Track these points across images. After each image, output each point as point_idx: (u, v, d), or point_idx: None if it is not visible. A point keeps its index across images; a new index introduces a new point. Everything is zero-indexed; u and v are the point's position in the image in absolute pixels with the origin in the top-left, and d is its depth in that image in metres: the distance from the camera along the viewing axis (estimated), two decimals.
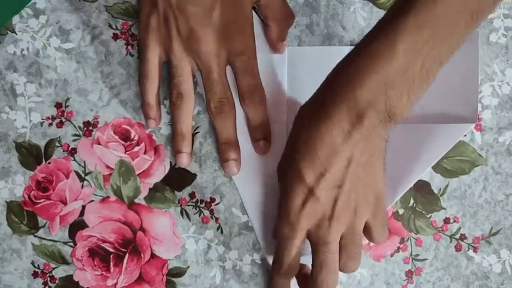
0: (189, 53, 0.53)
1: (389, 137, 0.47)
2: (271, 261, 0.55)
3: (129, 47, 0.57)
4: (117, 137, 0.57)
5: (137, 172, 0.57)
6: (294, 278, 0.52)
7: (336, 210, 0.47)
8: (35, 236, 0.57)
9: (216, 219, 0.57)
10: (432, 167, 0.56)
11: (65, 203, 0.57)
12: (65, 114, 0.57)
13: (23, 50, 0.57)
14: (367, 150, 0.46)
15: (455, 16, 0.43)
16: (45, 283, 0.57)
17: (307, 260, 0.51)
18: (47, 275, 0.57)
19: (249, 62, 0.54)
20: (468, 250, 0.56)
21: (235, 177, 0.56)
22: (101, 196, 0.57)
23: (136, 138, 0.57)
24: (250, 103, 0.54)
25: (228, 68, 0.54)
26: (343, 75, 0.45)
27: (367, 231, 0.49)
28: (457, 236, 0.56)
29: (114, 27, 0.57)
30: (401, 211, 0.56)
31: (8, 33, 0.57)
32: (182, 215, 0.57)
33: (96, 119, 0.57)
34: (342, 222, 0.47)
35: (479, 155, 0.56)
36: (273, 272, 0.51)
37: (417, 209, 0.56)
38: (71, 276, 0.57)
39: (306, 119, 0.47)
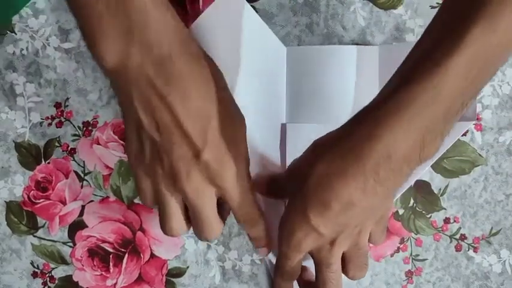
0: (176, 191, 0.46)
1: None
2: (269, 262, 0.55)
3: None
4: (116, 137, 0.57)
5: None
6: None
7: (339, 238, 0.46)
8: (35, 236, 0.57)
9: None
10: (432, 167, 0.56)
11: (64, 203, 0.57)
12: (65, 114, 0.57)
13: (23, 49, 0.57)
14: (380, 193, 0.42)
15: (505, 47, 0.37)
16: (44, 283, 0.57)
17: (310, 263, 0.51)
18: (47, 275, 0.57)
19: (241, 194, 0.47)
20: (468, 250, 0.56)
21: None
22: (100, 196, 0.57)
23: None
24: (247, 226, 0.50)
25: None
26: (375, 122, 0.40)
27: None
28: (457, 236, 0.56)
29: None
30: (401, 211, 0.56)
31: (7, 33, 0.57)
32: None
33: (96, 119, 0.57)
34: (345, 244, 0.47)
35: (480, 155, 0.56)
36: (275, 276, 0.51)
37: (417, 209, 0.56)
38: (70, 276, 0.57)
39: (323, 164, 0.43)
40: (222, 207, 0.47)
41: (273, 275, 0.54)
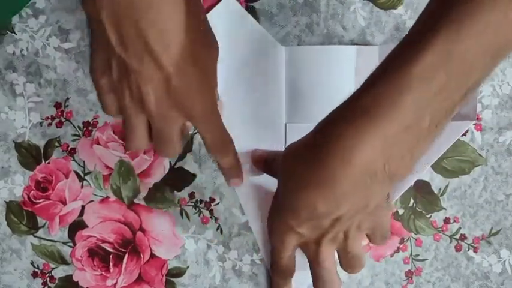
0: (142, 112, 0.46)
1: None
2: (268, 263, 0.56)
3: None
4: (116, 137, 0.57)
5: (137, 172, 0.56)
6: (295, 279, 0.52)
7: (322, 240, 0.46)
8: (35, 236, 0.57)
9: (216, 219, 0.57)
10: (432, 167, 0.56)
11: (64, 203, 0.57)
12: (65, 114, 0.57)
13: (23, 49, 0.57)
14: (362, 206, 0.42)
15: (476, 56, 0.35)
16: (44, 283, 0.57)
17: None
18: (47, 275, 0.57)
19: (211, 122, 0.48)
20: (468, 250, 0.56)
21: None
22: (100, 196, 0.57)
23: None
24: (218, 155, 0.51)
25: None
26: (336, 132, 0.39)
27: (367, 237, 0.49)
28: (457, 236, 0.56)
29: None
30: (401, 211, 0.56)
31: (7, 33, 0.57)
32: (182, 215, 0.57)
33: (96, 119, 0.57)
34: (331, 248, 0.47)
35: (480, 155, 0.56)
36: (272, 273, 0.52)
37: (417, 209, 0.56)
38: (70, 276, 0.57)
39: (289, 170, 0.43)
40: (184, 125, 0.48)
41: (271, 276, 0.54)
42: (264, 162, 0.54)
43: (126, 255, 0.56)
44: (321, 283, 0.49)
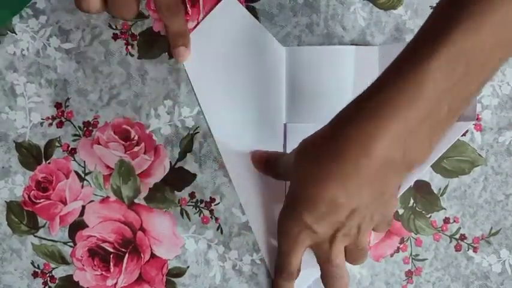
0: None
1: None
2: (269, 263, 0.56)
3: (129, 47, 0.57)
4: (117, 137, 0.57)
5: (137, 172, 0.57)
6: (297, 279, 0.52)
7: (335, 238, 0.46)
8: (35, 236, 0.57)
9: (216, 219, 0.57)
10: (432, 167, 0.56)
11: (64, 203, 0.57)
12: (65, 114, 0.57)
13: (23, 50, 0.57)
14: (377, 196, 0.42)
15: (492, 47, 0.37)
16: (45, 283, 0.57)
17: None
18: (47, 275, 0.57)
19: None
20: (468, 250, 0.56)
21: (234, 179, 0.56)
22: (100, 196, 0.57)
23: (136, 138, 0.57)
24: (167, 14, 0.52)
25: None
26: (356, 121, 0.40)
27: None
28: (457, 236, 0.56)
29: (114, 27, 0.57)
30: (401, 211, 0.56)
31: (8, 33, 0.57)
32: (182, 215, 0.57)
33: (96, 119, 0.57)
34: (344, 244, 0.47)
35: (479, 155, 0.56)
36: (276, 276, 0.52)
37: (417, 209, 0.56)
38: (70, 276, 0.57)
39: (306, 162, 0.43)
40: None
41: (273, 275, 0.54)
42: (265, 163, 0.54)
43: (127, 255, 0.57)
44: (332, 280, 0.49)
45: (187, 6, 0.57)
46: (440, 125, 0.39)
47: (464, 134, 0.56)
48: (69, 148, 0.57)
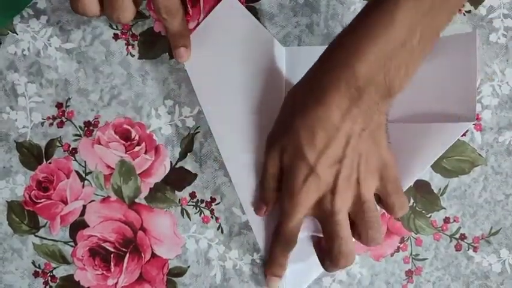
0: None
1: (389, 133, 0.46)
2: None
3: (130, 47, 0.57)
4: (117, 137, 0.57)
5: (138, 172, 0.57)
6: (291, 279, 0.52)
7: (338, 184, 0.47)
8: (36, 236, 0.57)
9: (217, 218, 0.57)
10: (432, 167, 0.56)
11: (65, 202, 0.57)
12: (66, 114, 0.57)
13: (24, 50, 0.57)
14: (367, 124, 0.46)
15: None
16: (46, 283, 0.57)
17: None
18: (48, 275, 0.57)
19: None
20: (468, 250, 0.56)
21: (234, 179, 0.56)
22: (101, 196, 0.57)
23: (137, 138, 0.57)
24: (167, 17, 0.53)
25: None
26: (340, 51, 0.45)
27: (382, 202, 0.49)
28: (457, 236, 0.57)
29: (114, 27, 0.57)
30: None
31: (8, 33, 0.57)
32: (183, 215, 0.57)
33: (97, 119, 0.57)
34: (346, 194, 0.48)
35: (479, 154, 0.57)
36: (272, 242, 0.53)
37: (417, 208, 0.57)
38: (71, 275, 0.57)
39: (299, 98, 0.47)
40: None
41: (270, 246, 0.54)
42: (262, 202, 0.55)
43: (127, 254, 0.57)
44: (336, 239, 0.48)
45: (188, 6, 0.57)
46: (416, 53, 0.44)
47: (464, 134, 0.56)
48: (70, 148, 0.57)
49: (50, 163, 0.57)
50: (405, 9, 0.42)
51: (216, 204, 0.57)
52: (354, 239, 0.50)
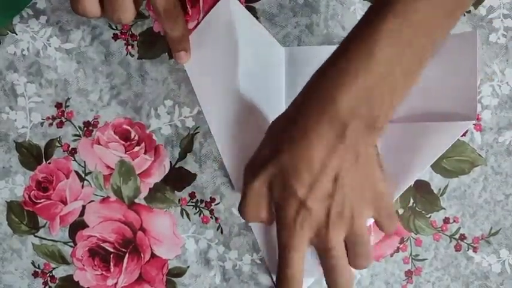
0: None
1: (388, 135, 0.46)
2: (269, 262, 0.56)
3: (129, 47, 0.57)
4: (117, 137, 0.57)
5: (137, 172, 0.57)
6: None
7: (330, 219, 0.46)
8: (35, 236, 0.57)
9: (216, 219, 0.57)
10: (432, 167, 0.56)
11: (65, 203, 0.57)
12: (65, 114, 0.57)
13: (23, 50, 0.57)
14: (355, 158, 0.45)
15: (432, 16, 0.42)
16: (45, 283, 0.57)
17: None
18: (47, 275, 0.57)
19: None
20: (468, 250, 0.56)
21: (234, 179, 0.56)
22: (101, 196, 0.57)
23: (136, 138, 0.57)
24: (166, 20, 0.53)
25: None
26: (322, 85, 0.44)
27: (376, 224, 0.49)
28: (457, 236, 0.57)
29: (114, 27, 0.57)
30: (401, 211, 0.56)
31: (8, 33, 0.57)
32: (182, 215, 0.57)
33: (97, 119, 0.57)
34: (340, 228, 0.47)
35: (479, 155, 0.57)
36: (279, 284, 0.49)
37: (417, 209, 0.56)
38: (71, 276, 0.57)
39: (284, 131, 0.46)
40: None
41: (273, 274, 0.54)
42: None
43: (127, 255, 0.57)
44: (333, 273, 0.48)
45: (188, 6, 0.57)
46: (399, 84, 0.43)
47: (464, 134, 0.56)
48: (70, 148, 0.57)
49: (49, 163, 0.57)
50: (385, 45, 0.42)
51: (215, 205, 0.57)
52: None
